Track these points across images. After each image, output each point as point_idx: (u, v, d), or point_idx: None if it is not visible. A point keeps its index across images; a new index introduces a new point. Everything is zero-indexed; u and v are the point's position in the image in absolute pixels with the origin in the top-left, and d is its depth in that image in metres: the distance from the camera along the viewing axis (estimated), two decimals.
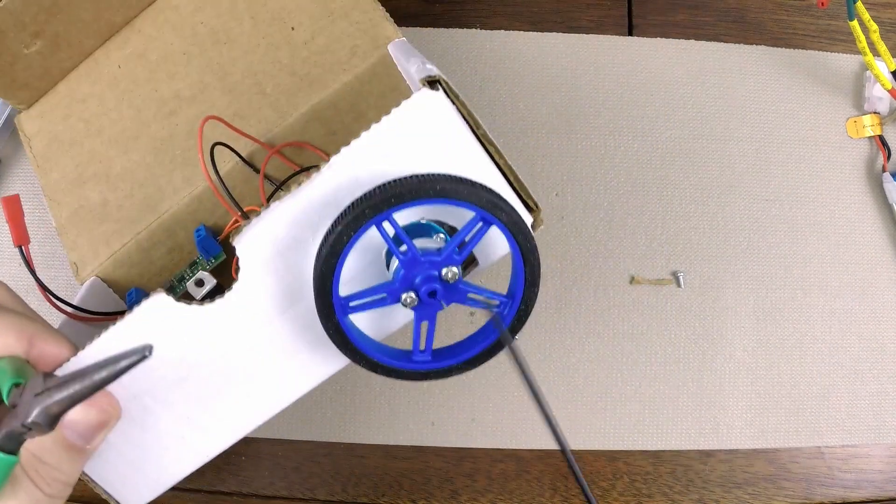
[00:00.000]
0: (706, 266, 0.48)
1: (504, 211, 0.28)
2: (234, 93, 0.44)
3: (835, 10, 0.51)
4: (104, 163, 0.45)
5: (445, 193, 0.27)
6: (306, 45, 0.43)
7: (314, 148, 0.43)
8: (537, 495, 0.47)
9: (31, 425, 0.26)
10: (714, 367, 0.47)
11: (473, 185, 0.28)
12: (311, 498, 0.48)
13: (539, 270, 0.30)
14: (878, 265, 0.48)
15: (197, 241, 0.42)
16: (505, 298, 0.30)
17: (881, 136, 0.49)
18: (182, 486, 0.48)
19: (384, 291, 0.29)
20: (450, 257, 0.28)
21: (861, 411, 0.47)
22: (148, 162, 0.44)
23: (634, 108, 0.50)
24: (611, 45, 0.50)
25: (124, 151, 0.45)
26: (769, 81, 0.50)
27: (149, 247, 0.43)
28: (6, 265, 0.50)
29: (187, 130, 0.44)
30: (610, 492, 0.47)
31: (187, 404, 0.32)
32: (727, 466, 0.47)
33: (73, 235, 0.44)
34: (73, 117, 0.47)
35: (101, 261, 0.43)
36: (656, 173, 0.49)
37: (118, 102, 0.46)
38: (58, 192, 0.45)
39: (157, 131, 0.45)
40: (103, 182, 0.45)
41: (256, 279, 0.30)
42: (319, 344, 0.31)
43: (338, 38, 0.43)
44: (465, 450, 0.47)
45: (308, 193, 0.29)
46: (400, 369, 0.30)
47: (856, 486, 0.47)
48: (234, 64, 0.44)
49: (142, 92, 0.46)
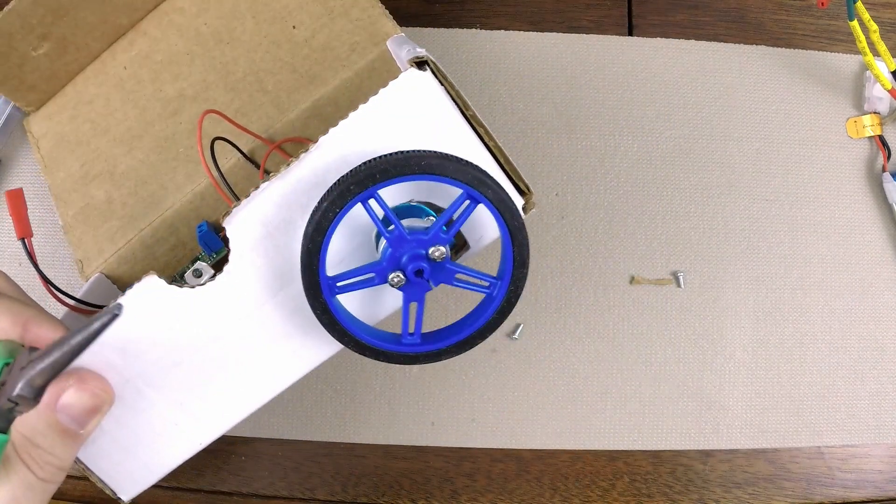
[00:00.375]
0: (706, 266, 0.48)
1: (491, 188, 0.28)
2: (236, 90, 0.45)
3: (835, 10, 0.51)
4: (109, 161, 0.46)
5: (431, 169, 0.27)
6: (307, 42, 0.44)
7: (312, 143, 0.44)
8: (537, 495, 0.47)
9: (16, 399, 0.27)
10: (714, 367, 0.47)
11: (459, 161, 0.28)
12: (311, 498, 0.48)
13: (528, 251, 0.29)
14: (878, 265, 0.48)
15: (199, 236, 0.43)
16: (494, 279, 0.30)
17: (881, 136, 0.49)
18: (182, 486, 0.48)
19: (372, 271, 0.29)
20: (437, 236, 0.28)
21: (861, 411, 0.47)
22: (152, 160, 0.45)
23: (634, 108, 0.50)
24: (611, 45, 0.50)
25: (129, 150, 0.45)
26: (769, 81, 0.50)
27: (152, 243, 0.44)
28: (6, 265, 0.50)
29: (190, 129, 0.45)
30: (610, 492, 0.47)
31: (181, 390, 0.32)
32: (727, 466, 0.47)
33: (78, 233, 0.45)
34: (79, 118, 0.48)
35: (105, 257, 0.44)
36: (656, 173, 0.49)
37: (123, 103, 0.47)
38: (64, 191, 0.46)
39: (160, 130, 0.45)
40: (108, 180, 0.45)
41: (246, 261, 0.30)
42: (311, 328, 0.31)
43: (338, 36, 0.44)
44: (465, 450, 0.48)
45: (297, 174, 0.29)
46: (389, 352, 0.30)
47: (856, 486, 0.47)
48: (236, 63, 0.45)
49: (146, 92, 0.47)
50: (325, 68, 0.43)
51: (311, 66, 0.44)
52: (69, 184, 0.46)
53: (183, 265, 0.45)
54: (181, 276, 0.44)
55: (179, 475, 0.48)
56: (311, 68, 0.44)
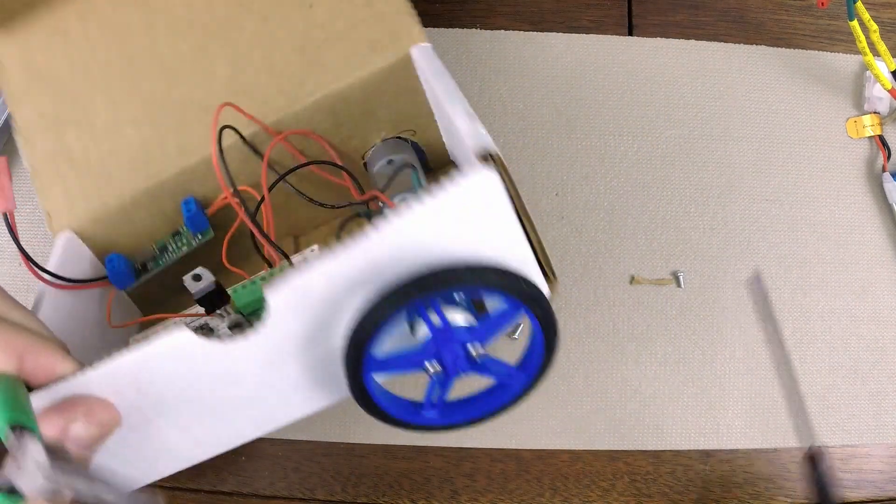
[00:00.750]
0: (706, 266, 0.48)
1: (542, 308, 0.30)
2: (239, 65, 0.41)
3: (835, 10, 0.51)
4: (88, 111, 0.42)
5: (493, 286, 0.29)
6: (323, 27, 0.41)
7: (318, 137, 0.42)
8: (537, 495, 0.47)
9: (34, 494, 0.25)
10: (714, 367, 0.47)
11: (518, 278, 0.29)
12: (311, 498, 0.48)
13: (553, 359, 0.32)
14: (878, 265, 0.48)
15: (186, 214, 0.41)
16: (517, 372, 0.32)
17: (881, 136, 0.49)
18: (182, 486, 0.48)
19: (411, 358, 0.31)
20: (478, 335, 0.30)
21: (861, 411, 0.47)
22: (139, 121, 0.42)
23: (634, 108, 0.50)
24: (611, 45, 0.50)
25: (112, 104, 0.42)
26: (769, 81, 0.50)
27: (131, 209, 0.42)
28: (6, 265, 0.50)
29: (186, 97, 0.42)
30: (610, 492, 0.47)
31: (189, 419, 0.32)
32: (727, 466, 0.47)
33: (46, 181, 0.42)
34: (54, 50, 0.43)
35: (77, 215, 0.42)
36: (656, 173, 0.49)
37: (108, 47, 0.43)
38: (31, 130, 0.42)
39: (151, 91, 0.42)
40: (86, 132, 0.42)
41: (281, 324, 0.30)
42: (324, 382, 0.33)
43: (356, 26, 0.41)
44: (465, 450, 0.48)
45: (351, 256, 0.29)
46: (408, 423, 0.33)
47: (856, 486, 0.47)
48: (242, 32, 0.41)
49: (138, 42, 0.42)
50: (339, 60, 0.40)
51: (323, 54, 0.41)
52: (39, 123, 0.42)
53: (163, 236, 0.44)
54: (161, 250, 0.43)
55: (179, 475, 0.48)
56: (324, 56, 0.41)
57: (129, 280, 0.43)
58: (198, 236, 0.43)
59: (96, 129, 0.42)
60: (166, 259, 0.44)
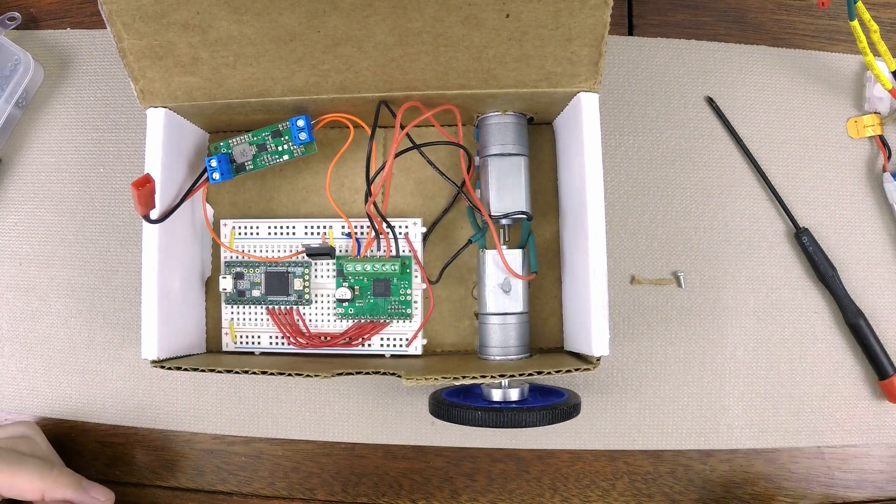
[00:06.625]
0: (706, 266, 0.48)
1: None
2: (402, 38, 0.39)
3: (835, 10, 0.50)
4: (203, 16, 0.38)
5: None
6: (509, 41, 0.39)
7: (455, 107, 0.43)
8: (537, 495, 0.47)
9: None
10: (714, 367, 0.47)
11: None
12: (311, 498, 0.48)
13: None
14: (878, 265, 0.48)
15: (294, 130, 0.44)
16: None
17: (881, 136, 0.49)
18: (182, 486, 0.48)
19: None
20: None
21: (861, 411, 0.47)
22: (267, 48, 0.39)
23: (634, 108, 0.50)
24: (611, 45, 0.50)
25: (238, 20, 0.38)
26: (769, 81, 0.50)
27: (238, 106, 0.43)
28: (6, 265, 0.50)
29: (328, 42, 0.39)
30: (610, 492, 0.47)
31: None
32: (727, 466, 0.47)
33: (142, 65, 0.41)
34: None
35: (177, 103, 0.42)
36: (656, 173, 0.49)
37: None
38: (125, 16, 0.38)
39: (289, 22, 0.38)
40: (198, 36, 0.39)
41: None
42: None
43: (542, 52, 0.39)
44: (465, 450, 0.48)
45: None
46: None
47: (856, 486, 0.47)
48: (420, 11, 0.38)
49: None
50: (507, 74, 0.40)
51: (494, 66, 0.40)
52: (135, 12, 0.38)
53: (260, 129, 0.45)
54: (260, 148, 0.45)
55: (179, 475, 0.48)
56: (494, 69, 0.40)
57: (227, 174, 0.45)
58: (300, 148, 0.45)
59: (209, 39, 0.39)
60: (265, 160, 0.45)
